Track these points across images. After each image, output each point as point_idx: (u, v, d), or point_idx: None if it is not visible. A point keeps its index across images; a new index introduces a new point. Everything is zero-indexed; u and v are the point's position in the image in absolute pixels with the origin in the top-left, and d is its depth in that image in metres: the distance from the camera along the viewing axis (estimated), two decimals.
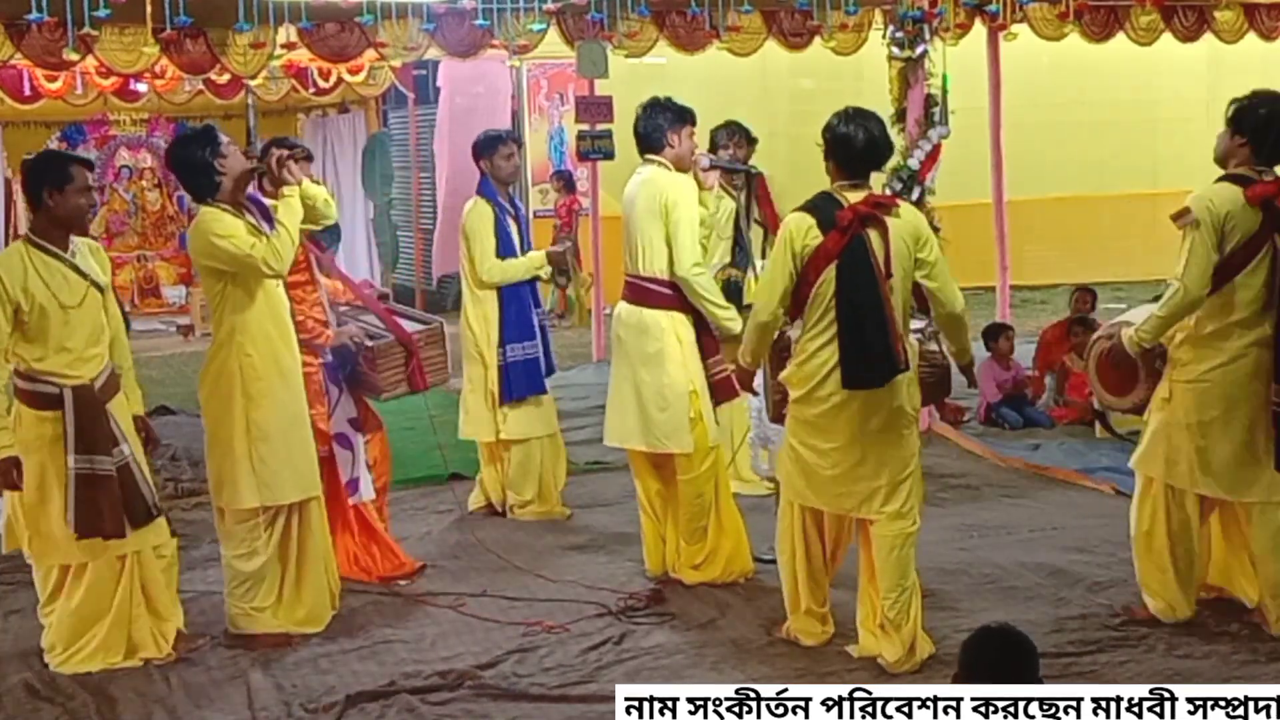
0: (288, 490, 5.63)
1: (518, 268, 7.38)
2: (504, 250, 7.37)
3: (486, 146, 7.55)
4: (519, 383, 7.36)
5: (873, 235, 5.17)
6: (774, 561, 5.84)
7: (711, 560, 6.30)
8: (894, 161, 8.33)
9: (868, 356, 5.14)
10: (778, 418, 5.60)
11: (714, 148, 7.42)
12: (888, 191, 8.06)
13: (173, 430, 9.55)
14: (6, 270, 5.29)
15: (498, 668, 5.40)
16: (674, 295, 6.19)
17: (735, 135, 7.68)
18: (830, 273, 5.15)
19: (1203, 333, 5.46)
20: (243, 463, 5.59)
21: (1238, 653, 5.37)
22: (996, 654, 3.56)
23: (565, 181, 15.83)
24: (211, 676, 5.45)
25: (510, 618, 5.96)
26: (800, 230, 5.21)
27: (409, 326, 6.59)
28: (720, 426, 6.43)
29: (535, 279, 7.48)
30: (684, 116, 6.30)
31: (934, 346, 5.63)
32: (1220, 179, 5.47)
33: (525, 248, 7.51)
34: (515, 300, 7.38)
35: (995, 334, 9.96)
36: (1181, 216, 5.40)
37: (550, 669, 5.39)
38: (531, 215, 16.55)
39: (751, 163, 7.66)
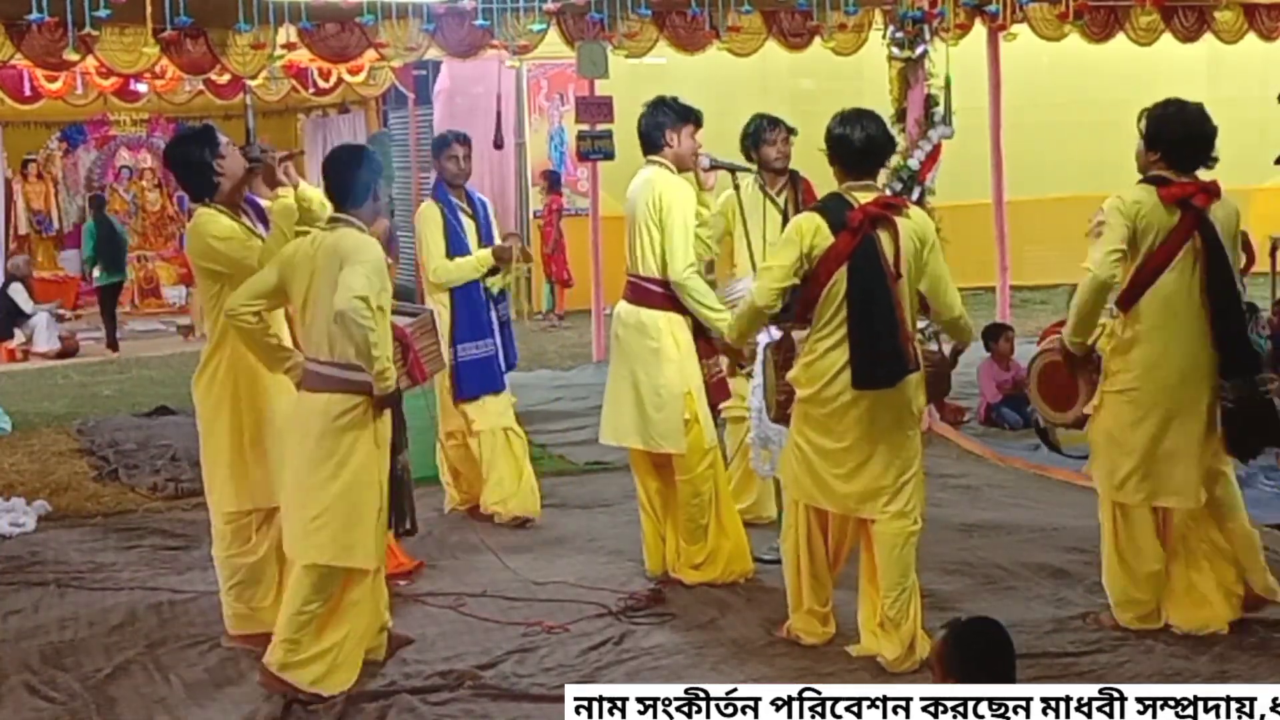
0: (277, 494, 5.51)
1: (465, 267, 7.33)
2: (456, 250, 7.33)
3: (437, 147, 7.55)
4: (471, 382, 7.33)
5: (883, 236, 5.18)
6: (775, 562, 5.83)
7: (712, 560, 6.29)
8: (894, 161, 8.32)
9: (878, 356, 5.15)
10: (781, 418, 5.59)
11: (758, 143, 7.01)
12: (888, 192, 8.03)
13: (173, 430, 9.57)
14: None
15: (498, 668, 5.40)
16: (672, 296, 6.18)
17: (778, 129, 7.03)
18: (841, 273, 5.16)
19: (1128, 338, 5.40)
20: (233, 465, 5.55)
21: (1239, 653, 5.36)
22: (981, 648, 3.55)
23: (551, 182, 15.89)
24: (211, 676, 5.44)
25: (510, 618, 5.96)
26: (810, 229, 5.21)
27: (399, 321, 6.57)
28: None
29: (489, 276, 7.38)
30: (686, 116, 6.28)
31: (934, 346, 5.62)
32: (1138, 182, 5.47)
33: (487, 245, 7.44)
34: (466, 301, 7.34)
35: (995, 334, 9.95)
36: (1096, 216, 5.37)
37: (550, 669, 5.39)
38: (532, 215, 16.62)
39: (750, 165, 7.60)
